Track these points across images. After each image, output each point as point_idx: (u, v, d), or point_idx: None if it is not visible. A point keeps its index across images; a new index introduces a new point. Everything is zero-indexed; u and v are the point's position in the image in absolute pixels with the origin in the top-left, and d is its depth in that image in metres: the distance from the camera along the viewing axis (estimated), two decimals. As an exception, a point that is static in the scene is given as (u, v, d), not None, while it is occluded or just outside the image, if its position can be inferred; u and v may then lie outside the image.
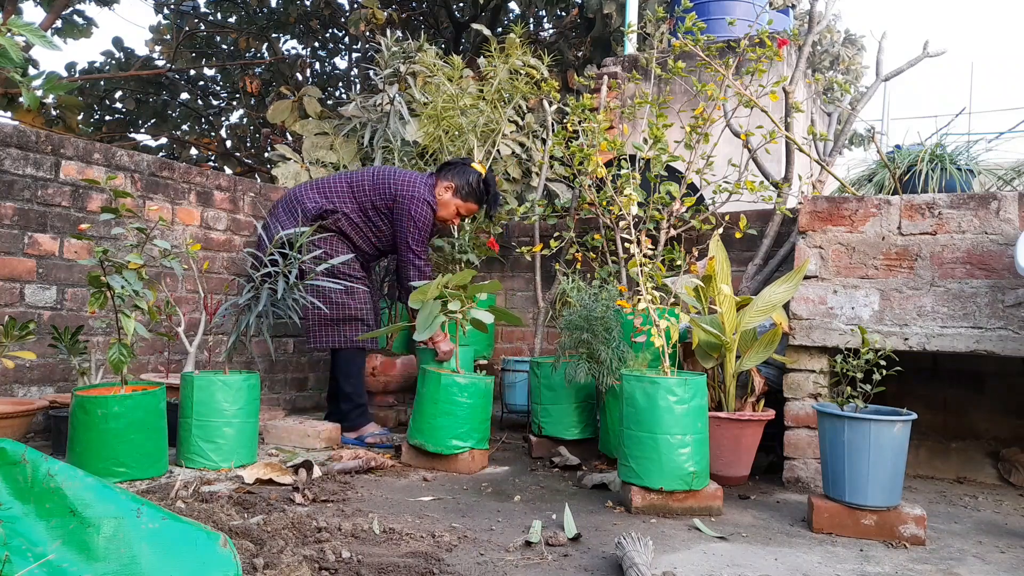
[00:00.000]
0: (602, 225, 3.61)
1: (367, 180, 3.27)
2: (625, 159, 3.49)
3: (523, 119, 4.75)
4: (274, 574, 1.54)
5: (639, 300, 2.44)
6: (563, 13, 9.15)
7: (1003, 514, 2.42)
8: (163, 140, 10.23)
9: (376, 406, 3.69)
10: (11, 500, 1.24)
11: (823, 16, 4.78)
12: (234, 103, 10.93)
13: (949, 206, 2.51)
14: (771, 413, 2.64)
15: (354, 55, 10.54)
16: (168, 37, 9.74)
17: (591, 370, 2.73)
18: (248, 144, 10.55)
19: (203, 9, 10.35)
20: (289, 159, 4.89)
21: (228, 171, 9.45)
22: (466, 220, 3.74)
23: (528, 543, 1.92)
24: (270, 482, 2.42)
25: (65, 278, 3.06)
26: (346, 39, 10.43)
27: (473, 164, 3.33)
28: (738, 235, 3.38)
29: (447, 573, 1.68)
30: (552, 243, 3.79)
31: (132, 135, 9.71)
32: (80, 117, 7.81)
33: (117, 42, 9.64)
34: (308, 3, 9.76)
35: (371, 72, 4.67)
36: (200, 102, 10.85)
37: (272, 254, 2.85)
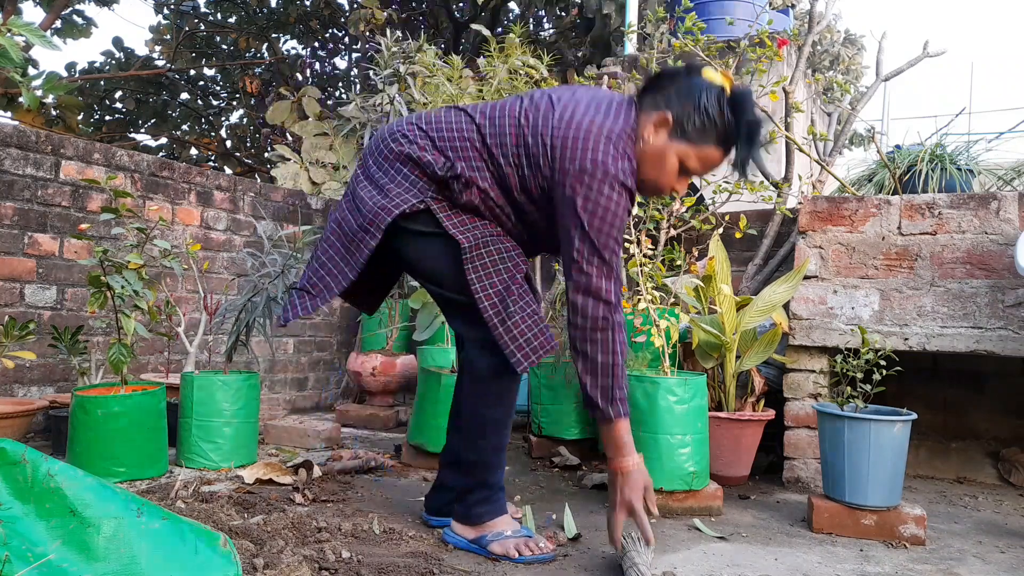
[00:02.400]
0: (602, 225, 3.60)
1: (509, 123, 1.81)
2: (625, 159, 3.49)
3: (523, 119, 4.74)
4: (274, 574, 1.54)
5: (639, 300, 2.44)
6: (563, 13, 9.14)
7: (1003, 514, 2.42)
8: (163, 140, 10.22)
9: (376, 406, 3.70)
10: (11, 500, 1.24)
11: (823, 16, 4.78)
12: (234, 103, 10.92)
13: (949, 206, 2.51)
14: (771, 413, 2.64)
15: (354, 55, 10.53)
16: (168, 37, 9.74)
17: (591, 370, 2.72)
18: (248, 144, 10.54)
19: (203, 9, 10.34)
20: (289, 159, 4.89)
21: (228, 171, 9.44)
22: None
23: (528, 543, 1.92)
24: (270, 482, 2.42)
25: (65, 278, 3.06)
26: (346, 39, 10.42)
27: (705, 72, 1.80)
28: (738, 235, 3.37)
29: (447, 573, 1.68)
30: (552, 243, 3.78)
31: (132, 135, 9.71)
32: (80, 117, 7.81)
33: (117, 42, 9.63)
34: (308, 3, 9.76)
35: (371, 72, 4.66)
36: (200, 102, 10.85)
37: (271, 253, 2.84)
